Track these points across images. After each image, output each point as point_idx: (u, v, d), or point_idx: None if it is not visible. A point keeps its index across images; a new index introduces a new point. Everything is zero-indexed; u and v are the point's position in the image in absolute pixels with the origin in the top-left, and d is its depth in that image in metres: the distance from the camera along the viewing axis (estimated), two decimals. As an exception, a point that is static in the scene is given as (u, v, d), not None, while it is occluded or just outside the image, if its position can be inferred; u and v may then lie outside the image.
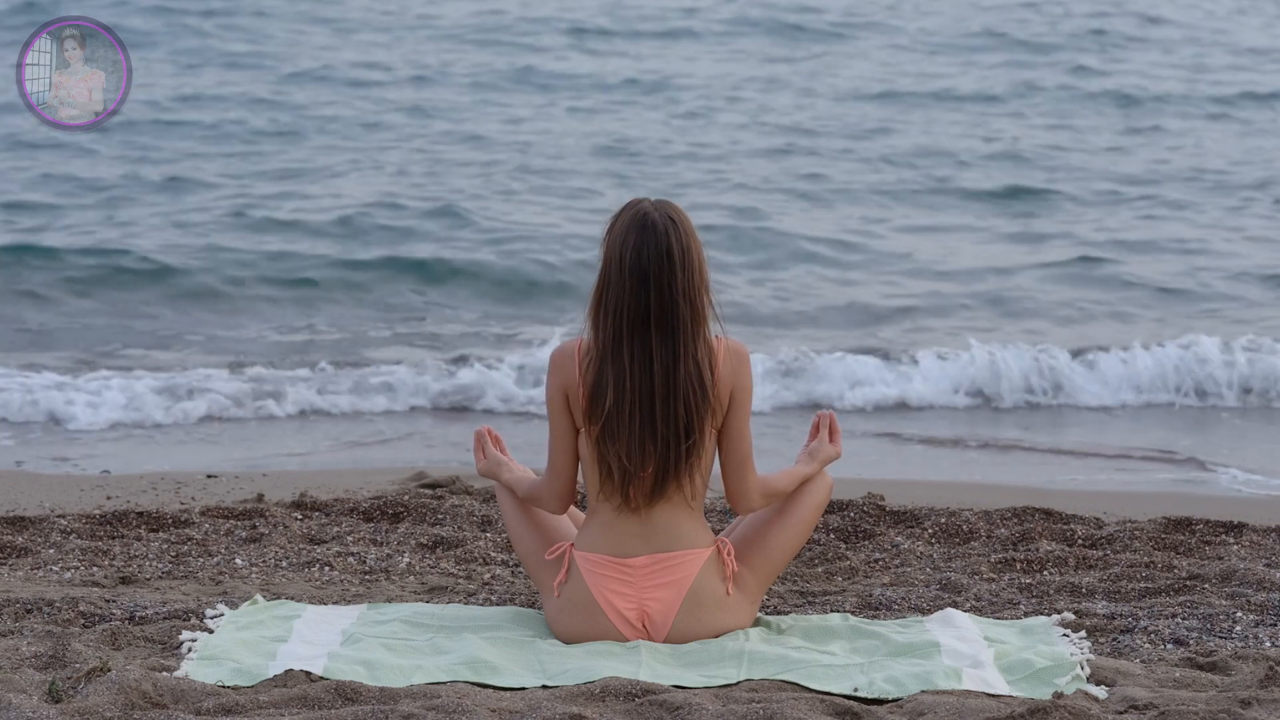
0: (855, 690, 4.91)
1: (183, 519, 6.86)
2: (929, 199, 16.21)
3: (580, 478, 5.46)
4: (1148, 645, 5.41)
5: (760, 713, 4.62)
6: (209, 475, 8.26)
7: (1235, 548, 6.60)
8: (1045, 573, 6.31)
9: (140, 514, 6.87)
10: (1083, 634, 5.45)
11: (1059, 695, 4.80)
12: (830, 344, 11.43)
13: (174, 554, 6.46)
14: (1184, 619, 5.65)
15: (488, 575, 6.30)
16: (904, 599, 5.88)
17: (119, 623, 5.44)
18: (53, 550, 6.45)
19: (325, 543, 6.66)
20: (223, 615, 5.55)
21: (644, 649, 5.24)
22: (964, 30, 23.74)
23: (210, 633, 5.36)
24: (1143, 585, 6.08)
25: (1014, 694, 4.92)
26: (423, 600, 5.94)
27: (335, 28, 23.24)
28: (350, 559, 6.44)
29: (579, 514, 5.66)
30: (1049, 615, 5.69)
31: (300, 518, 6.94)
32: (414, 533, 6.75)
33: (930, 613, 5.72)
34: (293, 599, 5.88)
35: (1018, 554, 6.44)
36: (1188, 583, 6.08)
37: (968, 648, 5.25)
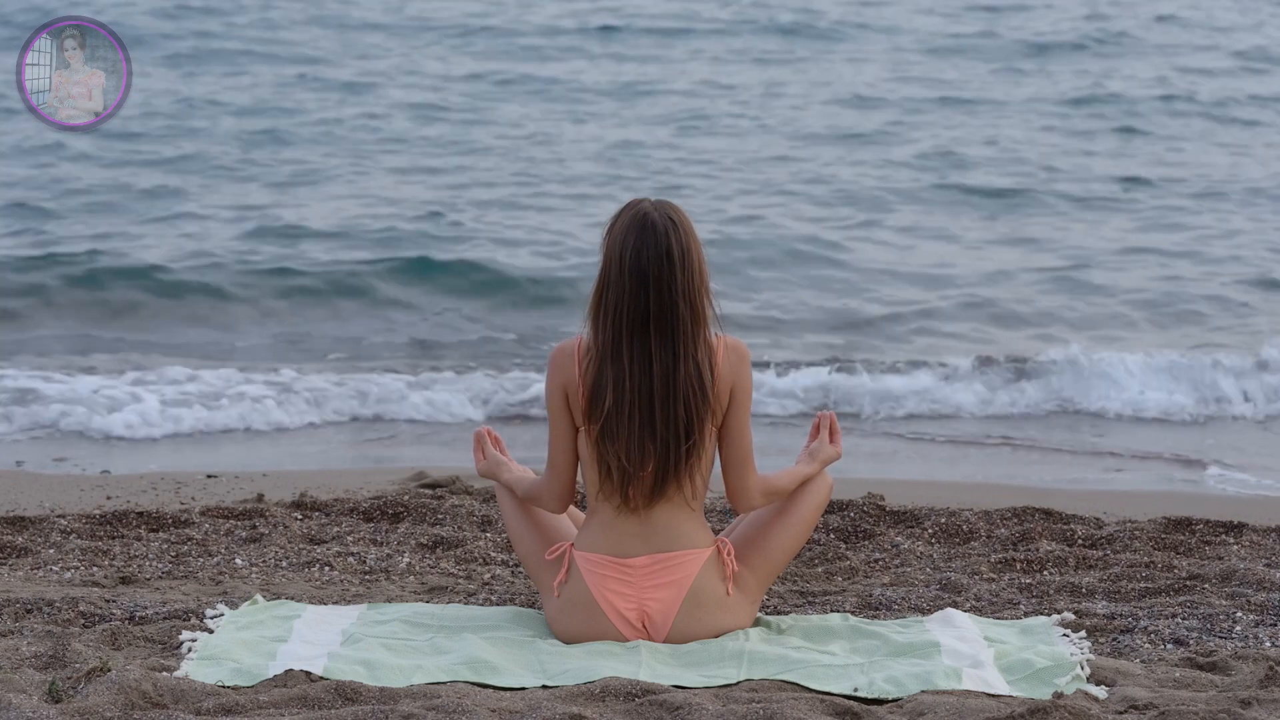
0: (855, 690, 4.91)
1: (183, 519, 6.86)
2: (933, 202, 16.17)
3: (580, 477, 5.46)
4: (1148, 645, 5.41)
5: (760, 713, 4.62)
6: (209, 475, 8.26)
7: (1235, 548, 6.60)
8: (1045, 573, 6.31)
9: (140, 514, 6.87)
10: (1083, 634, 5.44)
11: (1059, 695, 4.80)
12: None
13: (174, 554, 6.46)
14: (1184, 619, 5.65)
15: (488, 575, 6.30)
16: (904, 599, 5.87)
17: (119, 623, 5.44)
18: (53, 550, 6.45)
19: (325, 543, 6.66)
20: (223, 615, 5.55)
21: (644, 649, 5.24)
22: (974, 33, 23.68)
23: (210, 633, 5.36)
24: (1143, 585, 6.08)
25: (1014, 694, 4.92)
26: (423, 600, 5.93)
27: (328, 26, 23.23)
28: (350, 559, 6.44)
29: (579, 514, 5.66)
30: (1049, 615, 5.69)
31: (300, 518, 6.94)
32: (414, 533, 6.75)
33: (930, 613, 5.72)
34: (293, 599, 5.88)
35: (1018, 554, 6.44)
36: (1188, 583, 6.07)
37: (968, 648, 5.25)
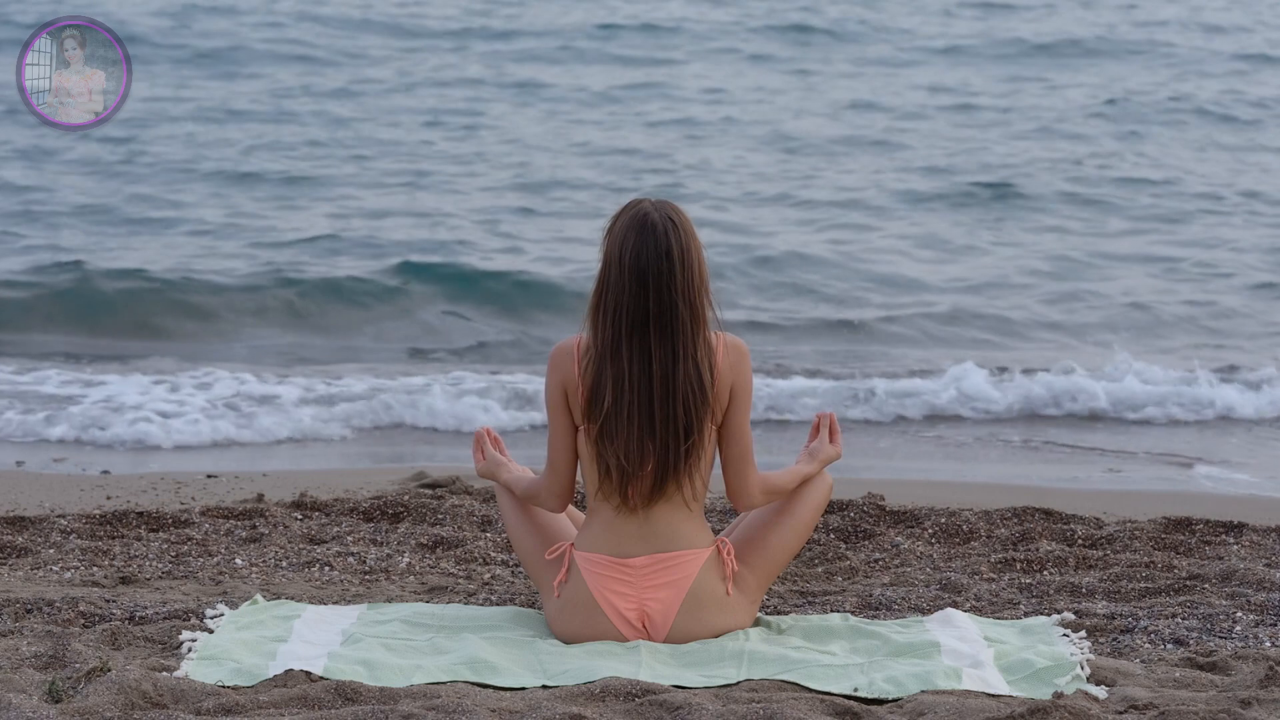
0: (855, 690, 4.91)
1: (183, 519, 6.86)
2: (934, 206, 16.14)
3: (580, 477, 5.46)
4: (1148, 645, 5.40)
5: (760, 713, 4.62)
6: (209, 475, 8.26)
7: (1235, 548, 6.60)
8: (1045, 573, 6.31)
9: (140, 514, 6.87)
10: (1083, 634, 5.44)
11: (1059, 695, 4.80)
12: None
13: (174, 554, 6.46)
14: (1184, 619, 5.65)
15: (488, 575, 6.30)
16: (904, 599, 5.87)
17: (119, 623, 5.43)
18: (53, 550, 6.45)
19: (325, 543, 6.66)
20: (223, 615, 5.54)
21: (644, 649, 5.23)
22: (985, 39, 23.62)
23: (210, 633, 5.36)
24: (1143, 585, 6.07)
25: (1014, 694, 4.92)
26: (423, 600, 5.93)
27: (326, 25, 23.23)
28: (350, 559, 6.44)
29: (578, 514, 5.66)
30: (1049, 615, 5.68)
31: (300, 518, 6.94)
32: (414, 533, 6.75)
33: (930, 613, 5.72)
34: (293, 599, 5.88)
35: (1018, 554, 6.44)
36: (1188, 583, 6.07)
37: (968, 648, 5.25)
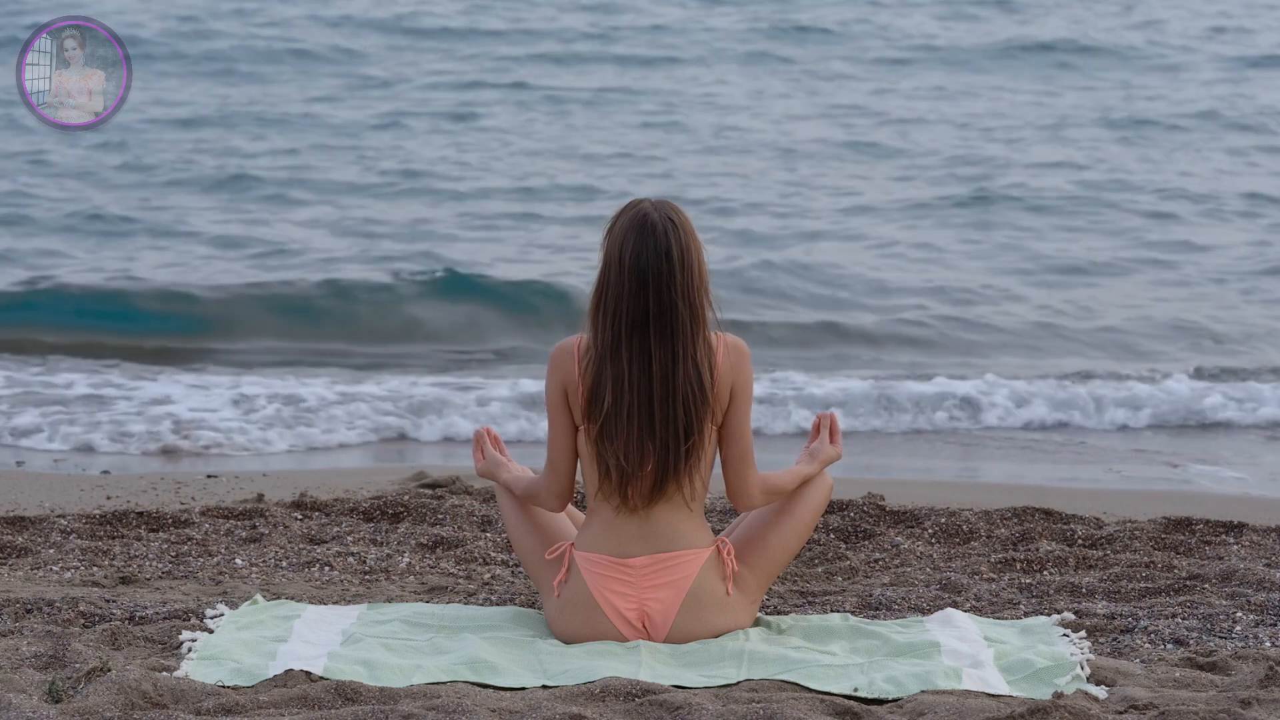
0: (855, 690, 4.91)
1: (183, 519, 6.86)
2: (935, 211, 16.12)
3: (580, 477, 5.46)
4: (1148, 645, 5.40)
5: (760, 713, 4.62)
6: (209, 475, 8.26)
7: (1235, 548, 6.60)
8: (1045, 573, 6.31)
9: (140, 514, 6.87)
10: (1083, 634, 5.44)
11: (1059, 695, 4.80)
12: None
13: (174, 554, 6.46)
14: (1184, 619, 5.65)
15: (488, 575, 6.30)
16: (904, 599, 5.87)
17: (119, 623, 5.43)
18: (53, 550, 6.45)
19: (325, 543, 6.66)
20: (223, 615, 5.54)
21: (644, 649, 5.23)
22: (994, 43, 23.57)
23: (210, 633, 5.36)
24: (1143, 585, 6.07)
25: (1014, 694, 4.92)
26: (423, 600, 5.93)
27: (325, 23, 23.22)
28: (350, 559, 6.44)
29: (578, 514, 5.66)
30: (1049, 615, 5.68)
31: (300, 518, 6.94)
32: (414, 533, 6.75)
33: (930, 613, 5.72)
34: (293, 599, 5.88)
35: (1018, 554, 6.44)
36: (1188, 583, 6.07)
37: (968, 648, 5.25)
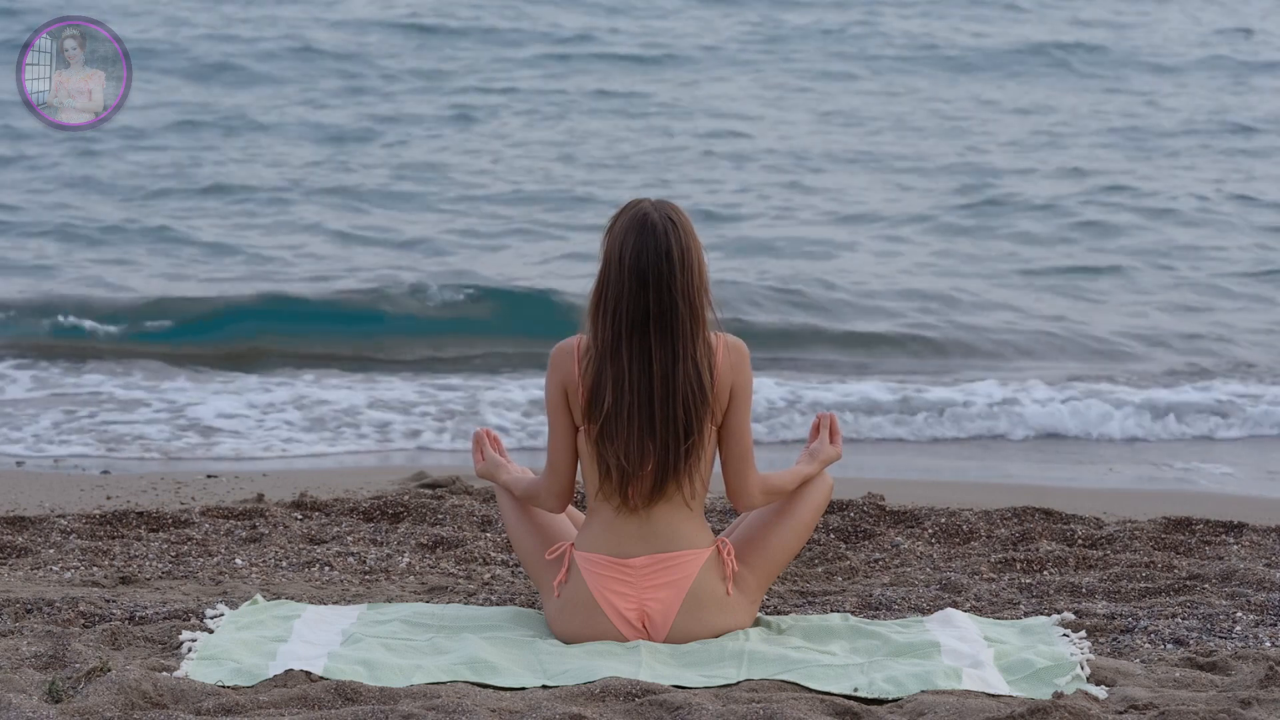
0: (855, 690, 4.91)
1: (183, 519, 6.86)
2: (935, 220, 16.08)
3: (580, 477, 5.46)
4: (1148, 645, 5.40)
5: (760, 713, 4.62)
6: (209, 475, 8.26)
7: (1235, 548, 6.60)
8: (1045, 573, 6.31)
9: (140, 514, 6.87)
10: (1083, 634, 5.44)
11: (1059, 695, 4.80)
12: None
13: (174, 554, 6.46)
14: (1184, 619, 5.65)
15: (488, 575, 6.30)
16: (904, 599, 5.87)
17: (119, 623, 5.43)
18: (53, 550, 6.45)
19: (325, 543, 6.66)
20: (223, 615, 5.55)
21: (644, 649, 5.24)
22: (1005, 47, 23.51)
23: (210, 633, 5.36)
24: (1143, 585, 6.08)
25: (1014, 694, 4.92)
26: (423, 600, 5.93)
27: (327, 22, 23.21)
28: (350, 559, 6.44)
29: (578, 514, 5.66)
30: (1049, 615, 5.68)
31: (300, 518, 6.94)
32: (414, 533, 6.75)
33: (930, 613, 5.72)
34: (293, 599, 5.88)
35: (1018, 554, 6.44)
36: (1188, 583, 6.07)
37: (968, 648, 5.25)
